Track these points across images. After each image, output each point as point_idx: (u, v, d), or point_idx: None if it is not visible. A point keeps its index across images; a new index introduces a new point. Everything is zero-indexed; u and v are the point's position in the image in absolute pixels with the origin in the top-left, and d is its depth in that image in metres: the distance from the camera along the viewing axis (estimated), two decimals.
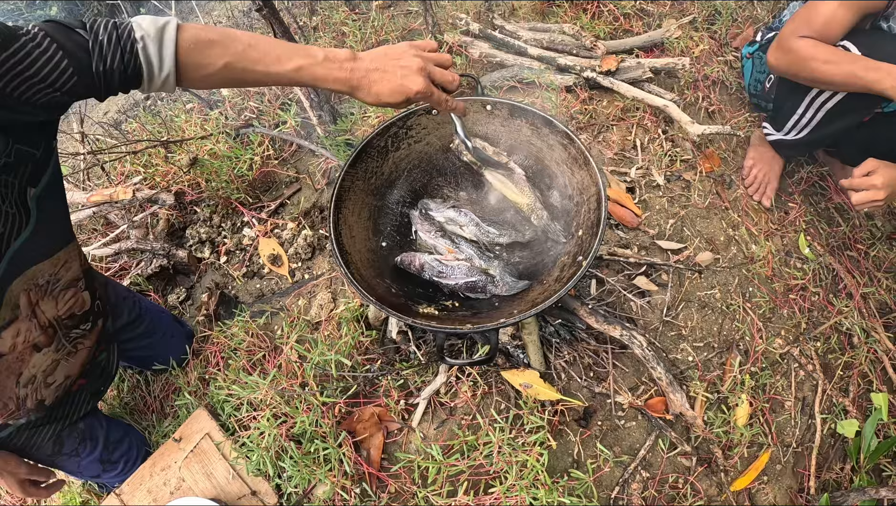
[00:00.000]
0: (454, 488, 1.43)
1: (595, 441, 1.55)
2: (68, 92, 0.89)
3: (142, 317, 1.65)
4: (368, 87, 1.09)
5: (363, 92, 1.10)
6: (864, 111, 1.66)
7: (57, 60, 0.85)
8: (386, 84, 1.10)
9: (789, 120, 1.81)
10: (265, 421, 1.48)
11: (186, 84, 0.99)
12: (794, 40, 1.58)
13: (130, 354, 1.70)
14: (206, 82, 1.00)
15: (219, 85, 1.05)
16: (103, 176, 2.35)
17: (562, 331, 1.63)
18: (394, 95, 1.11)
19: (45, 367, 1.24)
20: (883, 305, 1.95)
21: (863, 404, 1.73)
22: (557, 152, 1.45)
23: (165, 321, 1.76)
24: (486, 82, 2.17)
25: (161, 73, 0.93)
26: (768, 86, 1.95)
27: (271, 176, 2.17)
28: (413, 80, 1.11)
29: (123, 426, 1.69)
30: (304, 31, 2.53)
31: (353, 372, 1.58)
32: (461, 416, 1.56)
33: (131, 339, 1.65)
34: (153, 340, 1.70)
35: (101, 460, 1.59)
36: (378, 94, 1.10)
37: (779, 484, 1.58)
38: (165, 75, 0.94)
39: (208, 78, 0.98)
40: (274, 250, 1.98)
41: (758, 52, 1.98)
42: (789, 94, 1.79)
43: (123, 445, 1.64)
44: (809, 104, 1.73)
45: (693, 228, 1.89)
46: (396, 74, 1.10)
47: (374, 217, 1.48)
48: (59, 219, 1.15)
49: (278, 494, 1.51)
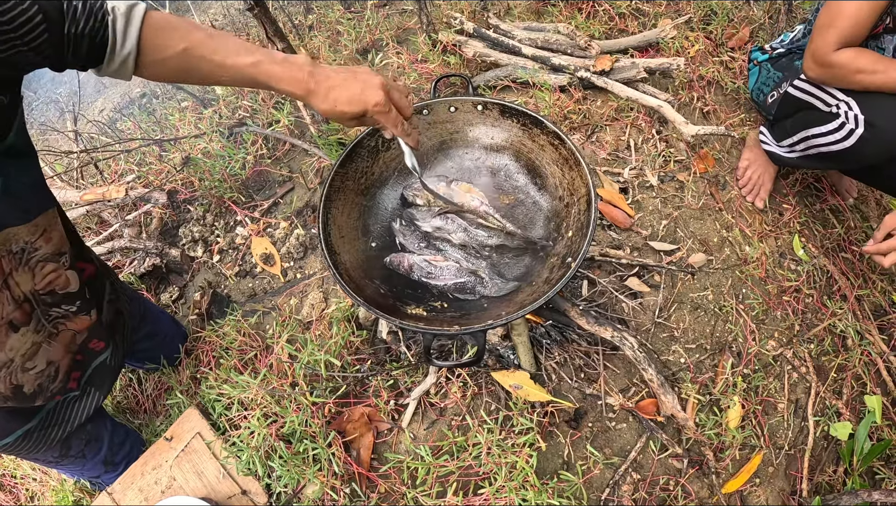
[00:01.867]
0: (443, 489, 1.43)
1: (585, 443, 1.54)
2: (35, 49, 0.87)
3: (146, 318, 1.65)
4: (326, 92, 1.07)
5: (319, 97, 1.08)
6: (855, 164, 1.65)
7: (32, 14, 0.83)
8: (344, 91, 1.08)
9: (786, 139, 1.81)
10: (255, 420, 1.48)
11: (143, 69, 0.98)
12: (832, 55, 1.54)
13: (136, 355, 1.70)
14: (162, 68, 0.99)
15: (173, 74, 1.02)
16: (97, 174, 2.34)
17: (552, 332, 1.62)
18: (351, 104, 1.09)
19: (24, 350, 1.16)
20: (877, 308, 1.95)
21: (856, 407, 1.73)
22: (548, 153, 1.45)
23: (166, 322, 1.76)
24: (479, 82, 2.17)
25: (122, 50, 0.93)
26: (770, 101, 1.93)
27: (264, 175, 2.16)
28: (373, 92, 1.10)
29: (125, 428, 1.69)
30: (299, 30, 2.53)
31: (343, 372, 1.58)
32: (451, 416, 1.55)
33: (138, 340, 1.64)
34: (155, 341, 1.71)
35: (104, 461, 1.59)
36: (335, 101, 1.08)
37: (771, 486, 1.57)
38: (126, 54, 0.93)
39: (165, 63, 0.97)
40: (266, 249, 1.98)
41: (766, 64, 1.95)
42: (789, 118, 1.79)
43: (126, 446, 1.64)
44: (804, 139, 1.72)
45: (686, 229, 1.89)
46: (357, 84, 1.09)
47: (363, 217, 1.48)
48: (32, 177, 1.11)
49: (268, 493, 1.51)
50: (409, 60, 2.24)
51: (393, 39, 2.38)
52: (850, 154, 1.59)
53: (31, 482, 1.96)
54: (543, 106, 2.04)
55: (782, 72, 1.85)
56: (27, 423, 1.29)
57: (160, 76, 1.02)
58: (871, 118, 1.51)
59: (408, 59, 2.24)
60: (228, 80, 1.06)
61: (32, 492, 1.96)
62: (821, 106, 1.66)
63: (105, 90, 3.05)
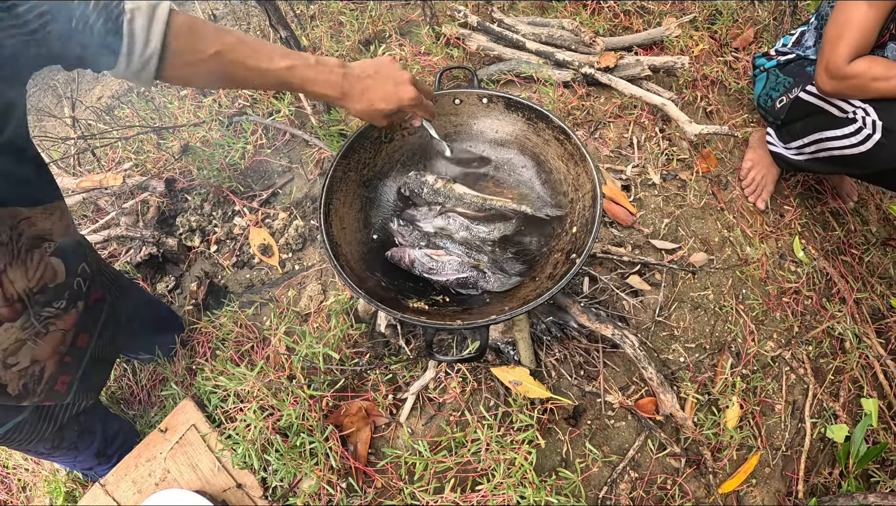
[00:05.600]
0: (441, 485, 1.42)
1: (584, 440, 1.54)
2: (39, 41, 0.82)
3: (139, 306, 1.63)
4: (361, 93, 1.12)
5: (353, 98, 1.11)
6: (868, 169, 1.65)
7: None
8: (379, 91, 1.13)
9: (794, 140, 1.81)
10: (251, 413, 1.46)
11: (168, 73, 0.94)
12: (846, 66, 1.54)
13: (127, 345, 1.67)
14: (191, 72, 0.96)
15: (203, 79, 1.00)
16: (94, 162, 2.32)
17: (553, 329, 1.61)
18: (387, 102, 1.14)
19: (5, 344, 1.11)
20: (875, 311, 1.95)
21: (853, 409, 1.73)
22: (553, 148, 1.43)
23: (161, 311, 1.74)
24: (483, 75, 2.15)
25: (145, 50, 0.89)
26: (778, 106, 1.92)
27: (264, 165, 2.14)
28: (406, 88, 1.15)
29: (119, 420, 1.68)
30: (300, 20, 2.50)
31: (341, 365, 1.57)
32: (450, 412, 1.54)
33: (128, 328, 1.62)
34: (148, 330, 1.69)
35: (97, 453, 1.57)
36: (371, 101, 1.12)
37: (767, 487, 1.58)
38: (149, 55, 0.90)
39: (194, 66, 0.95)
40: (265, 240, 1.96)
41: (774, 70, 1.95)
42: (801, 120, 1.78)
43: (119, 438, 1.63)
44: (816, 141, 1.72)
45: (688, 228, 1.88)
46: (389, 82, 1.14)
47: (365, 209, 1.46)
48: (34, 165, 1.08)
49: (263, 487, 1.50)
50: (413, 53, 2.22)
51: (396, 31, 2.36)
52: (864, 158, 1.60)
53: (24, 473, 1.94)
54: (547, 101, 2.03)
55: (793, 77, 1.84)
56: (18, 415, 1.27)
57: (188, 80, 0.99)
58: (890, 124, 1.52)
59: (411, 52, 2.22)
60: (260, 83, 1.06)
61: (25, 482, 1.94)
62: (834, 111, 1.66)
63: (103, 77, 3.01)
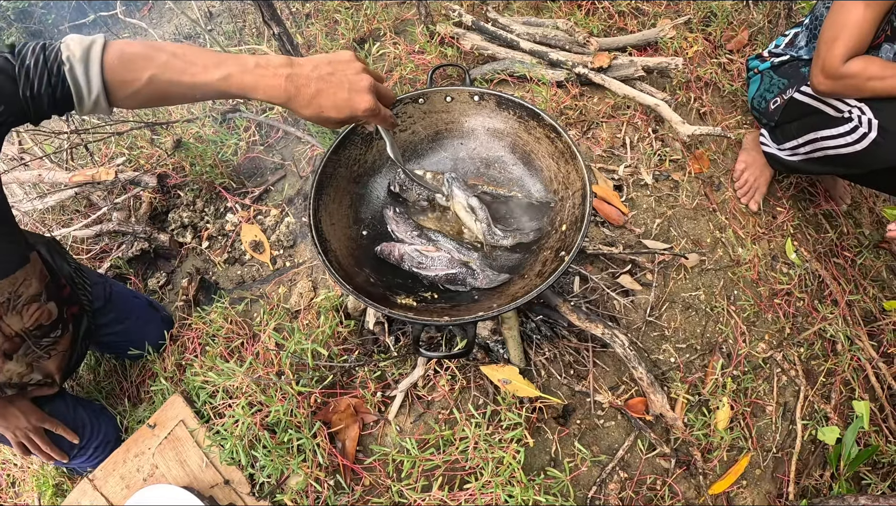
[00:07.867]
0: (429, 483, 1.41)
1: (573, 440, 1.53)
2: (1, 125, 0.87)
3: (112, 302, 1.62)
4: (309, 98, 0.97)
5: (300, 103, 0.98)
6: (863, 168, 1.65)
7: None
8: (330, 97, 0.98)
9: (788, 141, 1.81)
10: (240, 409, 1.46)
11: (120, 103, 0.93)
12: (842, 66, 1.54)
13: (102, 340, 1.67)
14: (135, 101, 0.93)
15: (147, 103, 0.95)
16: (87, 156, 2.31)
17: (543, 327, 1.61)
18: (338, 110, 1.00)
19: (20, 371, 1.31)
20: (868, 313, 1.95)
21: (844, 412, 1.73)
22: (544, 146, 1.43)
23: (139, 306, 1.73)
24: (476, 74, 2.15)
25: (90, 94, 0.88)
26: (773, 107, 1.92)
27: (256, 162, 2.14)
28: (362, 98, 1.00)
29: (95, 409, 1.66)
30: (296, 18, 2.50)
31: (329, 362, 1.56)
32: (438, 410, 1.54)
33: (103, 325, 1.62)
34: (125, 325, 1.67)
35: (70, 445, 1.56)
36: (320, 107, 0.98)
37: (758, 489, 1.57)
38: (95, 97, 0.89)
39: (135, 95, 0.92)
40: (256, 237, 1.95)
41: (768, 72, 1.95)
42: (796, 121, 1.78)
43: (93, 428, 1.61)
44: (811, 141, 1.72)
45: (680, 228, 1.88)
46: (343, 88, 0.99)
47: (355, 206, 1.46)
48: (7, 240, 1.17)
49: (251, 483, 1.49)
50: (406, 51, 2.22)
51: (391, 30, 2.36)
52: (860, 158, 1.59)
53: (13, 468, 1.93)
54: (540, 100, 2.03)
55: (787, 78, 1.84)
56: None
57: (140, 105, 0.96)
58: (886, 123, 1.52)
59: (405, 50, 2.22)
60: (202, 97, 0.98)
61: (14, 478, 1.93)
62: (830, 111, 1.66)
63: None
